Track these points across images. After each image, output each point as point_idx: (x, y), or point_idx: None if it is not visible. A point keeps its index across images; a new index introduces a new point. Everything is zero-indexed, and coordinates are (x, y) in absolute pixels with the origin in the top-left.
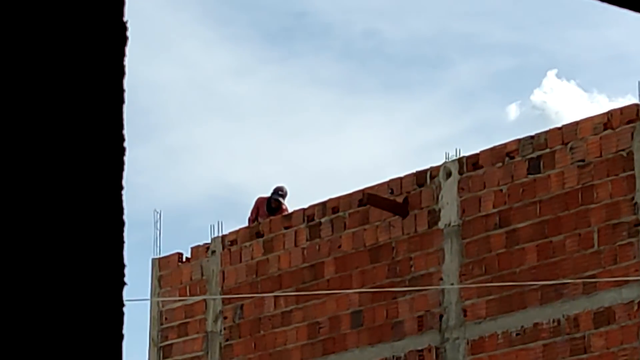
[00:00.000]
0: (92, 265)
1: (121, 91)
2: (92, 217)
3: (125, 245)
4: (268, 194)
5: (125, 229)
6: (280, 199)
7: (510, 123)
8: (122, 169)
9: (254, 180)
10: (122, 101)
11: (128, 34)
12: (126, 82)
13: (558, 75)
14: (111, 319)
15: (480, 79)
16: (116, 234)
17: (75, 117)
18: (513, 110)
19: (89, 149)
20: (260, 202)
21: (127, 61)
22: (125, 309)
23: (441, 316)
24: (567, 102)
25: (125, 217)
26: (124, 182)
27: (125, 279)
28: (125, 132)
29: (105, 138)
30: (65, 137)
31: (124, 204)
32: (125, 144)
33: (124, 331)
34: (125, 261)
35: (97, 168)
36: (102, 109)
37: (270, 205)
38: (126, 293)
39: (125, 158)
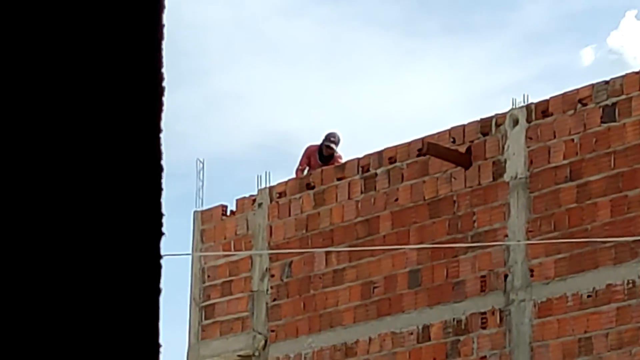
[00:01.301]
0: (127, 212)
1: (160, 25)
2: (128, 160)
3: (165, 194)
4: (319, 142)
5: (164, 175)
6: (333, 146)
7: (584, 69)
8: (160, 110)
9: (304, 127)
10: (160, 36)
11: None
12: (166, 18)
13: (638, 17)
14: (148, 270)
15: (552, 21)
16: (154, 179)
17: (109, 50)
18: (587, 55)
19: (124, 85)
20: (311, 151)
21: None
22: (163, 261)
23: (506, 276)
24: None
25: (163, 162)
26: (162, 125)
27: (164, 229)
28: (164, 70)
29: (143, 74)
30: (99, 71)
31: (163, 148)
32: (164, 84)
33: (162, 286)
34: (164, 210)
35: (133, 107)
36: (138, 43)
37: (322, 154)
38: (166, 248)
39: (164, 98)
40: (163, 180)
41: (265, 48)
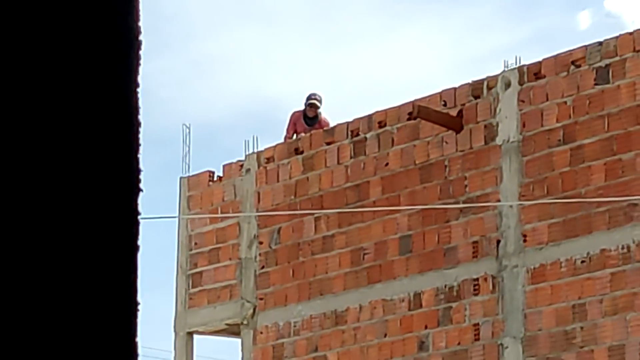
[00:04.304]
0: (100, 166)
1: None
2: (101, 111)
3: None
4: (302, 108)
5: (142, 131)
6: (317, 102)
7: (580, 32)
8: (137, 63)
9: (292, 93)
10: None
11: None
12: None
13: None
14: (124, 225)
15: None
16: (129, 134)
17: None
18: (584, 19)
19: (97, 36)
20: (296, 117)
21: None
22: (145, 223)
23: (498, 241)
24: None
25: (140, 117)
26: (139, 80)
27: (141, 185)
28: (140, 23)
29: (116, 24)
30: (73, 24)
31: (140, 103)
32: (141, 37)
33: (141, 244)
34: (141, 165)
35: (108, 57)
36: None
37: (307, 116)
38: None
39: (141, 52)
40: (140, 135)
41: (252, 13)
